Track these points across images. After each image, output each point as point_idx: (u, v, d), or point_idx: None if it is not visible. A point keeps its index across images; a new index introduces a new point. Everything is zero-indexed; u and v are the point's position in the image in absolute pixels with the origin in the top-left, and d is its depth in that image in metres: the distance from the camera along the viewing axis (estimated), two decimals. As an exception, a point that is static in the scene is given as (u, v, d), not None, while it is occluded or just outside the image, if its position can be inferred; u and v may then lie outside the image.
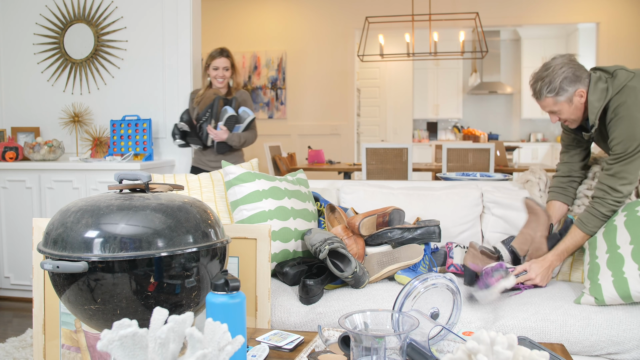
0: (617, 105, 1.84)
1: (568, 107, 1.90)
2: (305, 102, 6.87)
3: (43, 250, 1.25)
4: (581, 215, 1.94)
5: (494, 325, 1.71)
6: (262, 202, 2.04)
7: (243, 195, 2.06)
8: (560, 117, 1.93)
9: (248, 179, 2.07)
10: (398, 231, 2.11)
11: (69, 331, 1.71)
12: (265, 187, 2.08)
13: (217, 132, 3.13)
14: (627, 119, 1.82)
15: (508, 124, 9.53)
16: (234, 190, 2.08)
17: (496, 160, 5.45)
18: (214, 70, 3.23)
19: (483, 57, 5.71)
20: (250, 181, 2.07)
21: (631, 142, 1.82)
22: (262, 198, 2.05)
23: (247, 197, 2.05)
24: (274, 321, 1.82)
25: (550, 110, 1.93)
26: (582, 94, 1.88)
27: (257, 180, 2.08)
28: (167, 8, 3.61)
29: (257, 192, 2.05)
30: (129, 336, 0.78)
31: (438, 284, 1.46)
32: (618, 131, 1.84)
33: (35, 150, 3.56)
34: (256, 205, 2.04)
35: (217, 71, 3.23)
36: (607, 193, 1.88)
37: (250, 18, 7.00)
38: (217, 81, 3.23)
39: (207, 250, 1.29)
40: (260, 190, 2.06)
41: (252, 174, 2.10)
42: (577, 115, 1.93)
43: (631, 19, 6.29)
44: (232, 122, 3.16)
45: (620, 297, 1.72)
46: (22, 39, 3.86)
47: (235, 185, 2.08)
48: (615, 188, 1.87)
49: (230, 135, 3.16)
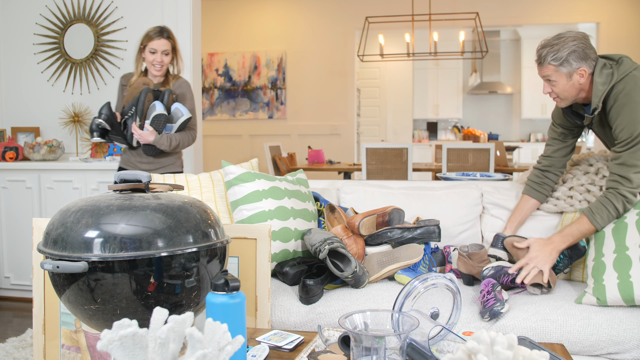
0: (618, 92, 1.82)
1: (565, 82, 1.87)
2: (305, 102, 6.87)
3: (43, 250, 1.25)
4: (592, 204, 1.89)
5: (494, 325, 1.71)
6: (262, 202, 2.04)
7: (243, 195, 2.06)
8: (554, 88, 1.91)
9: (248, 179, 2.07)
10: (398, 231, 2.10)
11: (69, 331, 1.71)
12: (265, 187, 2.08)
13: (142, 132, 2.62)
14: (629, 105, 1.80)
15: (508, 124, 9.53)
16: (233, 190, 2.08)
17: (496, 160, 5.45)
18: (150, 54, 2.68)
19: (483, 57, 5.71)
20: (250, 181, 2.07)
21: (635, 126, 1.79)
22: (262, 198, 2.05)
23: (247, 197, 2.05)
24: (274, 321, 1.82)
25: (548, 79, 1.90)
26: (583, 73, 1.85)
27: (257, 180, 2.08)
28: (167, 8, 3.61)
29: (257, 192, 2.05)
30: (129, 336, 0.78)
31: (438, 284, 1.46)
32: (621, 118, 1.82)
33: (35, 150, 3.56)
34: (256, 205, 2.04)
35: (155, 55, 2.67)
36: (619, 183, 1.83)
37: (250, 18, 7.00)
38: (154, 68, 2.70)
39: (207, 250, 1.29)
40: (260, 190, 2.06)
41: (252, 174, 2.10)
42: (569, 94, 1.91)
43: (631, 19, 6.29)
44: (162, 122, 2.63)
45: (623, 300, 1.71)
46: (22, 39, 3.86)
47: (235, 185, 2.08)
48: (627, 177, 1.82)
49: (157, 138, 2.65)
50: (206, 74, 7.13)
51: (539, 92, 9.11)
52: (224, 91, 7.07)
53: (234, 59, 7.04)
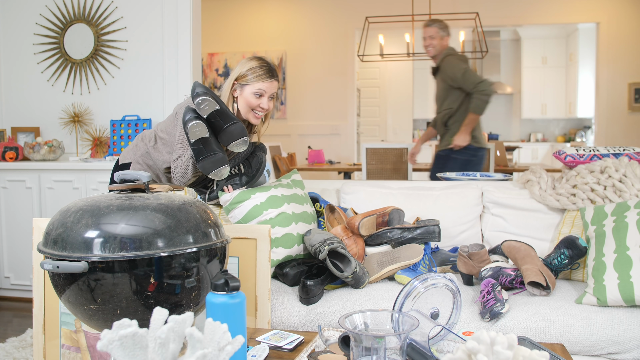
0: None
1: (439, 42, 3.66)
2: (305, 102, 6.87)
3: (43, 250, 1.25)
4: None
5: (494, 325, 1.71)
6: (263, 215, 2.04)
7: (244, 215, 2.04)
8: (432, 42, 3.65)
9: (243, 198, 2.05)
10: (398, 231, 2.10)
11: (69, 331, 1.71)
12: (262, 199, 2.06)
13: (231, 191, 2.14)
14: None
15: (508, 124, 9.53)
16: (233, 214, 2.07)
17: (496, 160, 5.45)
18: (255, 98, 2.01)
19: (483, 57, 5.71)
20: (247, 199, 2.06)
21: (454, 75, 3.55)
22: (262, 210, 2.04)
23: (248, 214, 2.04)
24: (274, 321, 1.82)
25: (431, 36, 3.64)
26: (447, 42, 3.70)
27: (253, 195, 2.06)
28: (167, 8, 3.61)
29: (257, 207, 2.04)
30: (129, 336, 0.78)
31: (438, 284, 1.46)
32: None
33: (35, 150, 3.56)
34: (259, 218, 2.04)
35: (261, 100, 2.02)
36: None
37: (250, 18, 7.00)
38: (253, 115, 2.06)
39: (207, 250, 1.28)
40: (259, 204, 2.05)
41: (245, 192, 2.07)
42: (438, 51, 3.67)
43: (631, 19, 6.29)
44: None
45: (623, 300, 1.71)
46: (22, 39, 3.86)
47: (233, 210, 2.06)
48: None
49: None
50: (206, 74, 7.13)
51: (539, 92, 9.12)
52: (224, 91, 7.06)
53: (234, 59, 7.04)
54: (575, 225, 2.14)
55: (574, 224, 2.14)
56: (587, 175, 2.17)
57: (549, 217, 2.23)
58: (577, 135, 9.02)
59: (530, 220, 2.25)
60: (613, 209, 1.95)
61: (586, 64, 8.15)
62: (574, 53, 8.54)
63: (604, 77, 6.35)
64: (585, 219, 2.02)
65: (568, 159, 2.33)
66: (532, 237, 2.23)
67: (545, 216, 2.24)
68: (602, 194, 2.10)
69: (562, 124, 9.32)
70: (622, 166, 2.16)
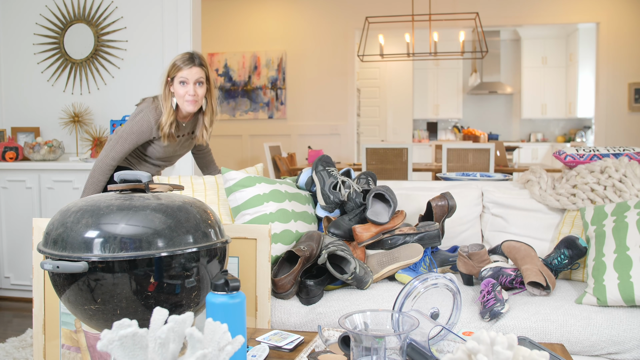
0: None
1: None
2: (305, 102, 6.87)
3: (43, 250, 1.25)
4: None
5: (494, 325, 1.71)
6: (263, 206, 2.03)
7: (244, 201, 2.04)
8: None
9: (249, 183, 2.06)
10: (399, 237, 2.10)
11: (69, 331, 1.71)
12: (266, 190, 2.07)
13: None
14: None
15: (508, 124, 9.53)
16: (234, 197, 2.07)
17: (496, 160, 5.45)
18: (181, 87, 2.21)
19: (483, 57, 5.71)
20: (251, 186, 2.06)
21: None
22: (264, 202, 2.04)
23: (248, 201, 2.04)
24: (274, 321, 1.82)
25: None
26: None
27: (258, 184, 2.07)
28: (167, 8, 3.61)
29: (259, 196, 2.05)
30: (129, 336, 0.78)
31: (438, 284, 1.46)
32: None
33: (35, 150, 3.56)
34: (258, 209, 2.03)
35: (187, 87, 2.21)
36: None
37: (250, 18, 7.00)
38: (186, 102, 2.23)
39: (207, 250, 1.28)
40: (262, 194, 2.05)
41: (252, 178, 2.09)
42: None
43: (631, 19, 6.29)
44: None
45: (623, 300, 1.71)
46: (22, 39, 3.86)
47: (235, 192, 2.06)
48: None
49: None
50: (206, 74, 7.13)
51: (539, 92, 9.12)
52: (224, 91, 7.07)
53: (234, 59, 7.04)
54: (575, 225, 2.13)
55: (574, 224, 2.14)
56: (587, 175, 2.17)
57: (549, 217, 2.23)
58: (577, 135, 9.02)
59: (530, 220, 2.25)
60: (613, 209, 1.95)
61: (586, 64, 8.15)
62: (574, 53, 8.55)
63: (604, 77, 6.36)
64: (585, 219, 2.02)
65: (568, 159, 2.33)
66: (532, 237, 2.22)
67: (545, 216, 2.24)
68: (602, 194, 2.10)
69: (562, 124, 9.32)
70: (622, 166, 2.16)
